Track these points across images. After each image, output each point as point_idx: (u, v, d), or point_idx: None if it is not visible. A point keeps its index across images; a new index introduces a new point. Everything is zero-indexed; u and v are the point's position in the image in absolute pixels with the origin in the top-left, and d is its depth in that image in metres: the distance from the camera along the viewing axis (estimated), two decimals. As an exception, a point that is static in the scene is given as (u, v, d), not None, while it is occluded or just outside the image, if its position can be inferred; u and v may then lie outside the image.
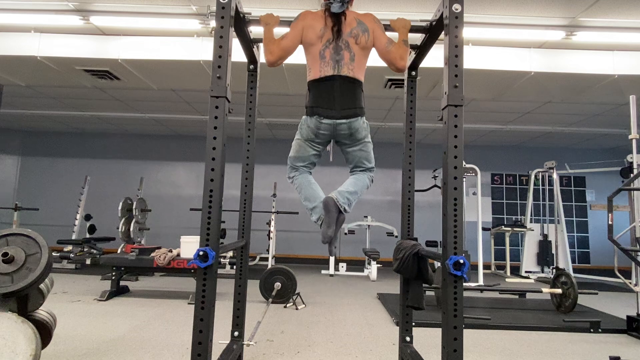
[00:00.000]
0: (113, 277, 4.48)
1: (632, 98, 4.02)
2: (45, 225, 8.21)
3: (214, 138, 1.75)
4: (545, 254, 7.44)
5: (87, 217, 7.42)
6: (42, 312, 2.43)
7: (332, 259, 6.85)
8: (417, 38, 2.35)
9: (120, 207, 6.57)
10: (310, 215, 2.14)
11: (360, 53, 2.11)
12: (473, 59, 4.56)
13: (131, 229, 6.61)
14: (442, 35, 1.91)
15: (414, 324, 2.52)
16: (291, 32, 2.13)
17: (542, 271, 7.41)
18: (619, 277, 3.90)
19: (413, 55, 2.49)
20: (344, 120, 2.05)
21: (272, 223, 7.17)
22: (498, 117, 6.81)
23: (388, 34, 2.25)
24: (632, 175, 3.79)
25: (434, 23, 2.12)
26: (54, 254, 5.04)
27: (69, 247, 6.64)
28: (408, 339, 2.40)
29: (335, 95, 2.04)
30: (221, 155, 1.76)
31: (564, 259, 7.03)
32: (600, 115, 6.41)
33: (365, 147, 2.17)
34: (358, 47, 2.10)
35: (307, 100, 2.14)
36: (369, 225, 7.65)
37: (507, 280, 6.87)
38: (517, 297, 5.22)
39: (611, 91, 5.20)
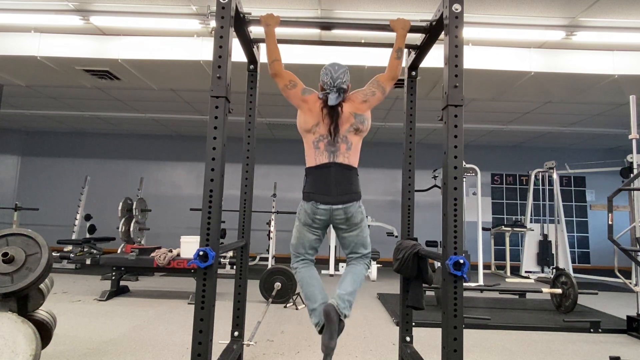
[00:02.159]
0: (113, 277, 4.48)
1: (632, 98, 4.02)
2: (45, 225, 8.23)
3: (214, 138, 1.76)
4: (545, 254, 7.44)
5: (87, 217, 7.42)
6: (42, 312, 2.43)
7: (332, 259, 6.85)
8: (417, 38, 2.35)
9: (120, 207, 6.57)
10: (310, 316, 2.10)
11: (357, 140, 2.14)
12: (473, 59, 4.56)
13: (131, 229, 6.60)
14: (442, 35, 1.91)
15: (414, 324, 2.52)
16: (295, 95, 2.16)
17: (542, 271, 7.41)
18: (619, 277, 3.90)
19: (413, 55, 2.49)
20: (340, 206, 2.06)
21: (272, 223, 7.17)
22: (498, 117, 6.81)
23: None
24: (632, 175, 3.79)
25: (434, 23, 2.12)
26: (54, 254, 5.04)
27: (69, 247, 6.63)
28: (408, 339, 2.40)
29: (331, 181, 2.07)
30: (221, 155, 1.76)
31: (564, 259, 7.03)
32: (600, 115, 6.41)
33: (361, 232, 2.16)
34: (357, 136, 2.13)
35: (304, 186, 2.15)
36: (369, 225, 7.63)
37: (507, 280, 6.87)
38: (517, 297, 5.22)
39: (611, 91, 5.20)
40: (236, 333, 2.45)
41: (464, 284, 1.71)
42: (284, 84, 2.19)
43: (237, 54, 2.13)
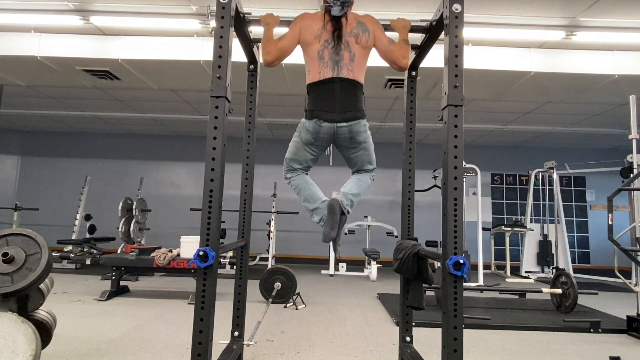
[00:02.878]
0: (113, 277, 4.48)
1: (632, 98, 4.02)
2: (45, 225, 8.22)
3: (214, 138, 1.76)
4: (545, 254, 7.44)
5: (87, 217, 7.42)
6: (42, 312, 2.43)
7: (332, 259, 6.85)
8: (417, 38, 2.35)
9: (120, 207, 6.57)
10: (311, 216, 2.14)
11: (360, 53, 2.08)
12: (473, 59, 4.56)
13: (131, 229, 6.60)
14: (442, 35, 1.91)
15: (414, 324, 2.52)
16: (289, 32, 2.11)
17: (542, 271, 7.41)
18: (619, 277, 3.90)
19: (413, 55, 2.49)
20: (344, 124, 2.02)
21: (272, 223, 7.17)
22: (498, 117, 6.81)
23: (388, 34, 2.25)
24: (632, 175, 3.79)
25: (434, 23, 2.12)
26: (54, 254, 5.04)
27: (69, 247, 6.64)
28: (408, 339, 2.40)
29: (335, 97, 2.01)
30: (221, 155, 1.76)
31: (564, 259, 7.03)
32: (600, 115, 6.41)
33: (366, 151, 2.14)
34: (358, 46, 2.07)
35: (306, 103, 2.11)
36: (369, 225, 7.64)
37: (507, 280, 6.87)
38: (517, 297, 5.22)
39: (611, 91, 5.20)
40: (236, 333, 2.45)
41: (464, 284, 1.71)
42: (276, 44, 2.07)
43: (237, 54, 2.13)
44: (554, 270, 6.32)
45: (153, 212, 7.36)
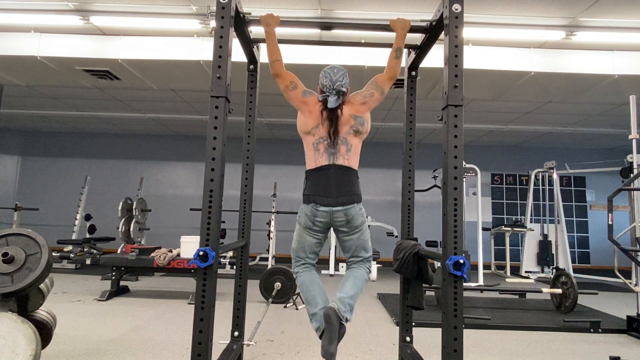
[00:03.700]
0: (113, 277, 4.48)
1: (632, 98, 4.02)
2: (45, 225, 8.22)
3: (214, 138, 1.76)
4: (545, 254, 7.44)
5: (87, 217, 7.42)
6: (42, 312, 2.43)
7: (332, 259, 6.84)
8: (417, 38, 2.35)
9: (120, 207, 6.57)
10: (310, 321, 2.08)
11: (357, 142, 2.14)
12: (473, 59, 4.56)
13: (131, 229, 6.60)
14: (442, 35, 1.91)
15: (414, 324, 2.52)
16: (294, 94, 2.16)
17: (542, 271, 7.41)
18: (619, 277, 3.90)
19: (413, 55, 2.49)
20: (340, 208, 2.06)
21: (272, 223, 7.17)
22: (498, 117, 6.81)
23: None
24: (632, 175, 3.79)
25: (434, 23, 2.12)
26: (54, 254, 5.04)
27: (69, 247, 6.64)
28: (408, 339, 2.40)
29: (331, 183, 2.06)
30: (221, 155, 1.76)
31: (564, 259, 7.03)
32: (600, 115, 6.41)
33: (362, 236, 2.15)
34: (356, 138, 2.12)
35: (304, 188, 2.15)
36: (369, 225, 7.63)
37: (507, 280, 6.87)
38: (517, 297, 5.22)
39: (611, 91, 5.20)
40: (236, 333, 2.45)
41: (464, 284, 1.71)
42: (284, 85, 2.18)
43: (237, 54, 2.13)
44: (554, 270, 6.32)
45: (153, 212, 7.36)
